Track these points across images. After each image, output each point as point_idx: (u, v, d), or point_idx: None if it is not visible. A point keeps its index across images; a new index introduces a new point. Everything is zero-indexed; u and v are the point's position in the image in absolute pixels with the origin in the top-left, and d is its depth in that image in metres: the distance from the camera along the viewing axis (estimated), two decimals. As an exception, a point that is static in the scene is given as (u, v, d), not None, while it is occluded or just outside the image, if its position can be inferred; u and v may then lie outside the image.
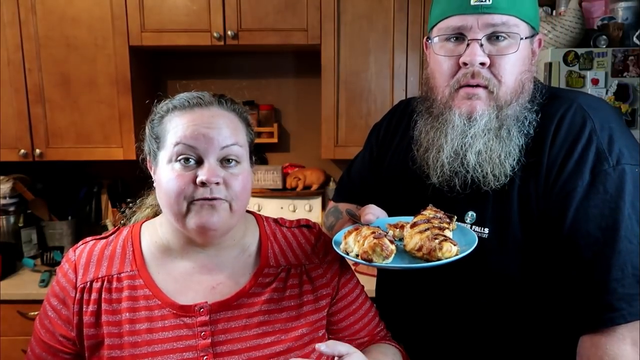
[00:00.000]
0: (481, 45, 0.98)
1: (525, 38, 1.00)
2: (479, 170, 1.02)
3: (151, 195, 1.07)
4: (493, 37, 0.99)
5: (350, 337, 1.03)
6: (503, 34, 0.98)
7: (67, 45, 2.21)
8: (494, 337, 1.07)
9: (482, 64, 0.98)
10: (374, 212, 0.99)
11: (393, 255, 0.89)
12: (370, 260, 0.87)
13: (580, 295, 0.94)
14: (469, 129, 1.01)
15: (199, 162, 0.88)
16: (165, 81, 2.62)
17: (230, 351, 0.90)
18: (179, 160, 0.87)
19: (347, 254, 0.92)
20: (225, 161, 0.89)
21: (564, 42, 1.95)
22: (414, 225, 0.92)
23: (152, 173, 0.97)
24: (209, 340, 0.90)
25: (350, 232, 0.94)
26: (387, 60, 2.25)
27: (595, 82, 1.91)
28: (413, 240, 0.90)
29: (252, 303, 0.93)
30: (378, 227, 0.94)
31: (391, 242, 0.89)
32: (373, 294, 1.27)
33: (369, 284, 1.31)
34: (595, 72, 1.90)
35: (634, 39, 1.95)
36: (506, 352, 1.07)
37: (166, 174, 0.88)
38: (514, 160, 1.01)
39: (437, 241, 0.87)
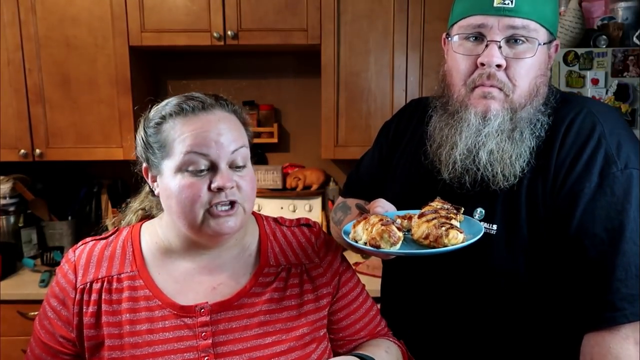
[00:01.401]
0: (499, 47, 0.99)
1: (544, 44, 1.01)
2: (489, 169, 1.03)
3: (136, 200, 1.07)
4: (512, 40, 1.00)
5: (351, 336, 1.03)
6: (522, 38, 0.99)
7: (67, 45, 2.21)
8: (499, 333, 1.08)
9: (499, 65, 0.99)
10: (382, 205, 1.00)
11: (400, 242, 0.90)
12: (378, 247, 0.88)
13: (584, 294, 0.96)
14: (483, 128, 1.02)
15: (210, 168, 0.87)
16: (165, 81, 2.62)
17: (231, 351, 0.90)
18: (190, 169, 0.87)
19: (357, 242, 0.93)
20: (234, 164, 0.89)
21: (564, 42, 1.96)
22: (421, 216, 0.94)
23: (149, 181, 0.96)
24: (210, 341, 0.90)
25: (359, 221, 0.95)
26: (387, 60, 2.25)
27: (595, 82, 1.91)
28: (420, 229, 0.92)
29: (253, 303, 0.94)
30: (386, 216, 0.95)
31: (399, 229, 0.90)
32: (375, 294, 1.27)
33: (370, 284, 1.31)
34: (595, 72, 1.90)
35: (634, 39, 1.95)
36: (511, 348, 1.08)
37: (176, 183, 0.87)
38: (524, 161, 1.02)
39: (443, 229, 0.89)
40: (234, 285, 0.95)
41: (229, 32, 2.20)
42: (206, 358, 0.89)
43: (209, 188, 0.86)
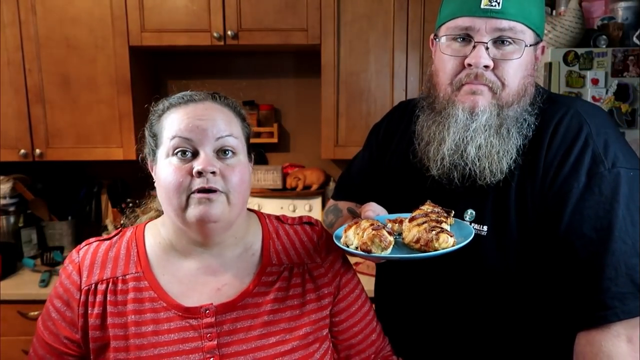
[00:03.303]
0: (487, 48, 0.99)
1: (530, 45, 1.02)
2: (477, 164, 1.04)
3: (157, 199, 1.07)
4: (499, 42, 1.00)
5: (347, 340, 1.03)
6: (509, 39, 1.00)
7: (67, 46, 2.21)
8: (491, 333, 1.08)
9: (486, 66, 1.00)
10: (373, 209, 1.00)
11: (391, 246, 0.90)
12: (369, 251, 0.89)
13: (576, 294, 0.96)
14: (471, 123, 1.03)
15: (195, 154, 0.88)
16: (165, 81, 2.62)
17: (236, 352, 0.90)
18: (176, 154, 0.88)
19: (348, 246, 0.93)
20: (221, 152, 0.90)
21: (564, 42, 1.96)
22: (412, 220, 0.94)
23: (153, 174, 0.97)
24: (215, 342, 0.90)
25: (350, 226, 0.96)
26: (387, 60, 2.25)
27: (595, 82, 1.91)
28: (411, 232, 0.92)
29: (257, 303, 0.94)
30: (377, 220, 0.95)
31: (390, 233, 0.91)
32: (373, 294, 1.27)
33: (370, 284, 1.31)
34: (595, 72, 1.91)
35: (634, 38, 1.95)
36: (504, 348, 1.08)
37: (164, 169, 0.89)
38: (511, 158, 1.03)
39: (434, 232, 0.89)
40: (238, 285, 0.95)
41: (229, 32, 2.20)
42: (211, 359, 0.89)
43: (191, 173, 0.87)
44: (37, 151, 2.26)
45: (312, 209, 2.58)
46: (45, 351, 0.94)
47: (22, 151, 2.26)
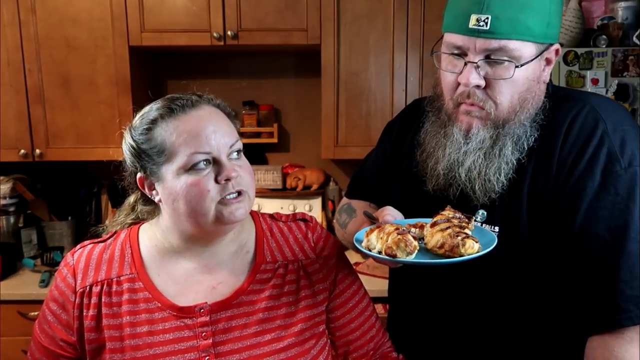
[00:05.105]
0: (478, 67, 0.97)
1: (526, 62, 0.97)
2: (468, 186, 1.03)
3: (122, 214, 1.06)
4: (490, 59, 0.97)
5: (345, 336, 1.03)
6: (499, 59, 0.96)
7: (67, 46, 2.21)
8: (503, 335, 1.07)
9: (478, 86, 0.98)
10: (392, 213, 0.99)
11: (416, 251, 0.90)
12: (395, 256, 0.88)
13: (589, 296, 0.94)
14: (464, 145, 1.02)
15: (212, 163, 0.89)
16: (165, 81, 2.62)
17: (231, 350, 0.91)
18: (194, 167, 0.87)
19: (370, 251, 0.93)
20: (231, 156, 0.91)
21: (563, 41, 1.96)
22: (434, 225, 0.93)
23: (145, 190, 0.95)
24: (210, 341, 0.90)
25: (372, 230, 0.95)
26: (387, 60, 2.25)
27: (595, 81, 1.91)
28: (435, 238, 0.91)
29: (252, 301, 0.94)
30: (400, 224, 0.94)
31: (415, 238, 0.90)
32: (375, 294, 1.27)
33: (370, 284, 1.31)
34: (595, 71, 1.91)
35: (634, 38, 1.95)
36: (515, 350, 1.07)
37: (182, 184, 0.87)
38: (507, 175, 1.01)
39: (459, 238, 0.88)
40: (233, 284, 0.95)
41: (229, 32, 2.20)
42: (207, 358, 0.89)
43: (216, 181, 0.88)
44: (37, 151, 2.26)
45: (312, 209, 2.57)
46: (42, 354, 0.95)
47: (22, 151, 2.26)
